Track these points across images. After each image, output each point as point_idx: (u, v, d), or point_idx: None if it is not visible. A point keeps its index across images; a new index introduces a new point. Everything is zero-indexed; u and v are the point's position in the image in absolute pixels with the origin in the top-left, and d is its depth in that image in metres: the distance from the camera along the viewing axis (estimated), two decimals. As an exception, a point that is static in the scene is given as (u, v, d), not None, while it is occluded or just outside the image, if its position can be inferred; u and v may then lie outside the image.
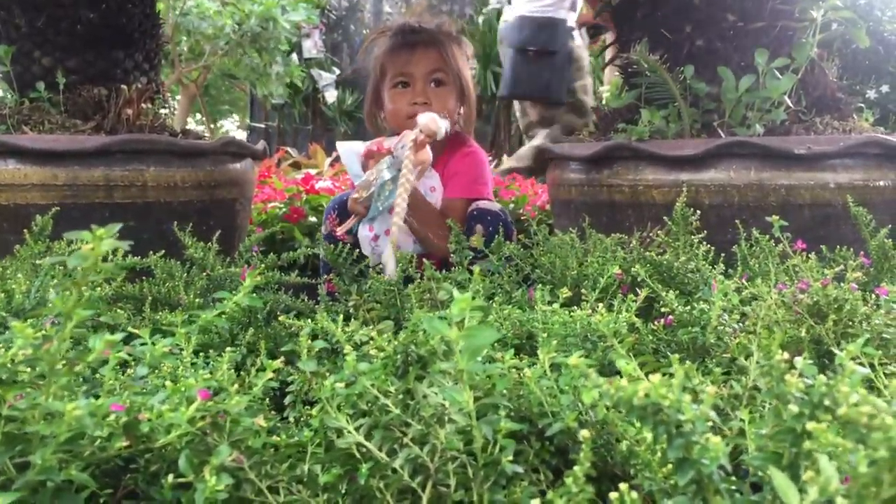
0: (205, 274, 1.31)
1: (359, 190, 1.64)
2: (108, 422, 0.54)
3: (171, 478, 0.56)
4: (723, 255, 1.30)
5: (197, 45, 6.77)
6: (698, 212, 1.37)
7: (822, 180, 1.63)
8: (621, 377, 0.63)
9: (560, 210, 2.00)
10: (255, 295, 0.73)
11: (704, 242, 1.31)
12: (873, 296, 1.08)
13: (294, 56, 8.22)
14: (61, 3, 1.88)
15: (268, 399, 0.84)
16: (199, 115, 7.65)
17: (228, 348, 0.80)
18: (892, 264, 1.29)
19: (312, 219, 2.65)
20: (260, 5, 6.38)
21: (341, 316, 0.87)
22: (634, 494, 0.47)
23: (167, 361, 0.68)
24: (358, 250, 1.54)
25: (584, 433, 0.49)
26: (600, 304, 0.89)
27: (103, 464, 0.59)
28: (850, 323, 0.92)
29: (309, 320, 0.87)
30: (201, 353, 0.91)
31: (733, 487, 0.48)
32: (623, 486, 0.50)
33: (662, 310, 0.95)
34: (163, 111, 2.02)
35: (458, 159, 1.90)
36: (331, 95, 9.41)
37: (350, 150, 1.84)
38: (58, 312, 0.47)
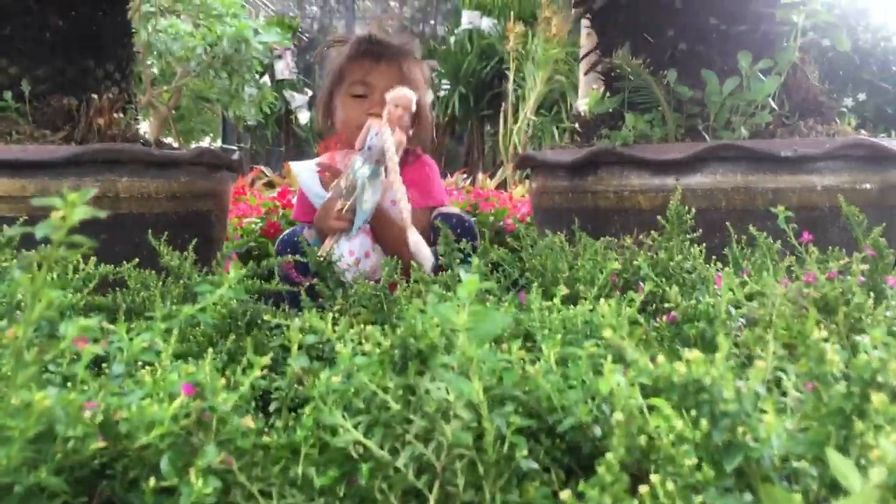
0: (182, 283, 1.25)
1: (337, 200, 1.59)
2: (83, 420, 0.49)
3: (152, 481, 0.50)
4: (714, 259, 1.28)
5: (168, 67, 6.70)
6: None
7: (808, 183, 1.61)
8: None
9: (543, 218, 1.97)
10: (239, 287, 0.68)
11: (696, 244, 1.28)
12: (871, 293, 1.06)
13: (266, 78, 8.17)
14: (29, 10, 1.82)
15: (252, 405, 0.79)
16: (170, 139, 7.55)
17: (210, 350, 0.75)
18: (887, 263, 1.27)
19: (289, 234, 2.59)
20: (232, 27, 6.34)
21: (330, 315, 0.82)
22: (670, 485, 0.43)
23: (145, 358, 0.63)
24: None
25: (618, 415, 0.45)
26: (601, 300, 0.85)
27: (76, 469, 0.54)
28: (859, 317, 0.88)
29: (296, 320, 0.82)
30: (179, 361, 0.86)
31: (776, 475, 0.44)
32: (655, 477, 0.45)
33: (666, 306, 0.92)
34: (135, 122, 1.97)
35: (412, 170, 1.88)
36: (303, 116, 9.35)
37: (307, 169, 1.79)
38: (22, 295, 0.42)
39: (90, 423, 0.49)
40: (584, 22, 2.17)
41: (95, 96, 1.85)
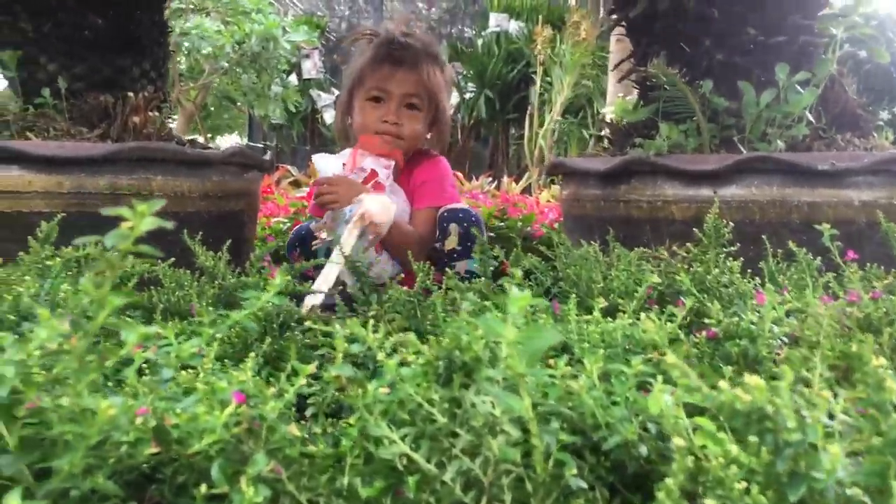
0: (217, 283, 1.26)
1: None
2: (136, 426, 0.49)
3: (203, 488, 0.51)
4: (749, 272, 1.27)
5: (196, 65, 6.75)
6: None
7: (845, 197, 1.59)
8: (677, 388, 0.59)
9: (573, 226, 1.96)
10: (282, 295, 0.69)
11: (731, 258, 1.27)
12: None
13: (293, 77, 8.22)
14: (68, 8, 1.85)
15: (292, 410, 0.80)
16: (197, 136, 7.59)
17: (251, 354, 0.76)
18: (927, 282, 1.25)
19: (317, 234, 2.60)
20: (261, 25, 6.37)
21: (370, 323, 0.82)
22: (727, 510, 0.43)
23: (194, 362, 0.63)
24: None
25: (679, 441, 0.44)
26: (643, 315, 0.85)
27: (126, 473, 0.54)
28: (902, 337, 0.87)
29: (336, 326, 0.82)
30: (218, 363, 0.86)
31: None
32: (709, 502, 0.45)
33: (706, 322, 0.91)
34: (170, 121, 1.99)
35: (422, 170, 1.91)
36: (329, 116, 9.39)
37: (327, 165, 1.83)
38: (88, 301, 0.42)
39: (144, 429, 0.50)
40: (616, 28, 2.15)
41: (131, 94, 1.86)
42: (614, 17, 2.02)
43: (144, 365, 0.75)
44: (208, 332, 0.64)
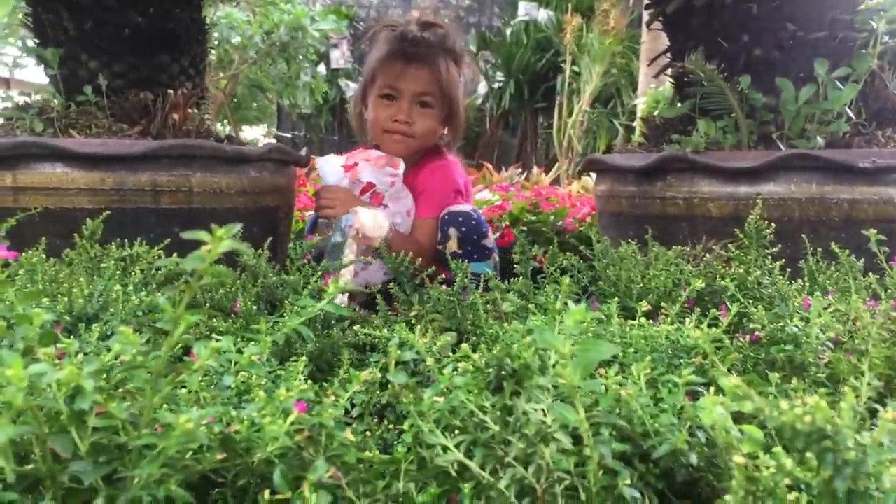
0: (260, 282, 1.28)
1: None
2: (206, 434, 0.51)
3: (266, 494, 0.52)
4: (787, 270, 1.26)
5: (226, 55, 6.80)
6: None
7: (886, 195, 1.58)
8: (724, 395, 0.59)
9: (608, 222, 1.96)
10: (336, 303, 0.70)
11: (774, 258, 1.26)
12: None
13: (322, 66, 8.25)
14: (109, 6, 1.87)
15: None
16: (227, 126, 7.66)
17: (303, 359, 0.77)
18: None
19: (350, 228, 2.61)
20: (289, 15, 6.40)
21: (418, 328, 0.83)
22: (785, 526, 0.43)
23: (254, 371, 0.65)
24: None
25: (738, 458, 0.45)
26: (686, 319, 0.85)
27: (190, 477, 0.56)
28: (949, 343, 0.87)
29: (385, 330, 0.84)
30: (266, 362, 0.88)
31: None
32: (766, 516, 0.46)
33: (751, 326, 0.91)
34: (209, 117, 2.01)
35: (427, 174, 1.88)
36: (358, 106, 9.42)
37: (331, 168, 1.85)
38: (165, 317, 0.44)
39: (211, 436, 0.51)
40: (648, 18, 2.13)
41: (171, 91, 1.89)
42: (650, 11, 2.00)
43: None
44: (266, 341, 0.66)
